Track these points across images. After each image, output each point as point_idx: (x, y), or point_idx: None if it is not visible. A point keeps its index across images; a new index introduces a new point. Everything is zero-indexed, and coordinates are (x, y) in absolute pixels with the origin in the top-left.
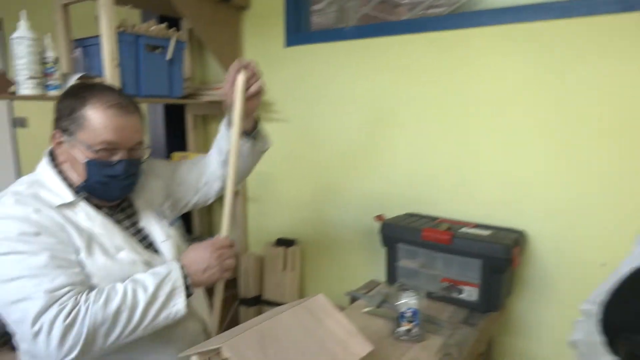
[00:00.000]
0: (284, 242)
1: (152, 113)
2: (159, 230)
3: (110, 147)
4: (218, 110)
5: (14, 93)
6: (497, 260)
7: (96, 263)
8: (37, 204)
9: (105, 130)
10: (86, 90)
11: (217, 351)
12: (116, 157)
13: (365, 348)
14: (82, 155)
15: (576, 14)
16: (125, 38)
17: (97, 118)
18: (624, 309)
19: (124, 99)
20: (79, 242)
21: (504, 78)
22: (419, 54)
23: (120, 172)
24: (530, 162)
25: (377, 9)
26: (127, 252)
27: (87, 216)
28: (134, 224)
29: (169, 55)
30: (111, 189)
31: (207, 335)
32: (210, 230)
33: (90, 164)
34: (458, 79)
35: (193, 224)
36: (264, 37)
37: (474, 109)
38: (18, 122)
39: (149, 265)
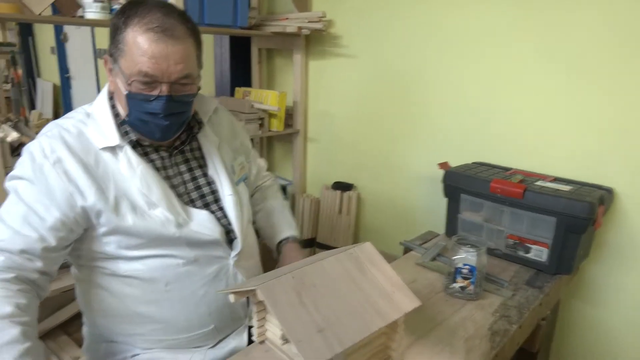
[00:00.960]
0: (341, 186)
1: (219, 45)
2: (226, 182)
3: (147, 80)
4: (284, 43)
5: (82, 17)
6: (576, 220)
7: (125, 222)
8: (67, 151)
9: (140, 58)
10: (133, 7)
11: (253, 292)
12: (155, 92)
13: (413, 303)
14: (123, 87)
15: None
16: None
17: (134, 43)
18: None
19: (171, 21)
20: (101, 201)
21: (589, 29)
22: None
23: (158, 109)
24: (617, 111)
25: None
26: (161, 210)
27: (129, 164)
28: (198, 169)
29: None
30: (151, 128)
31: None
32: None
33: (129, 97)
34: (538, 12)
35: None
36: None
37: (558, 45)
38: (99, 54)
39: (181, 227)
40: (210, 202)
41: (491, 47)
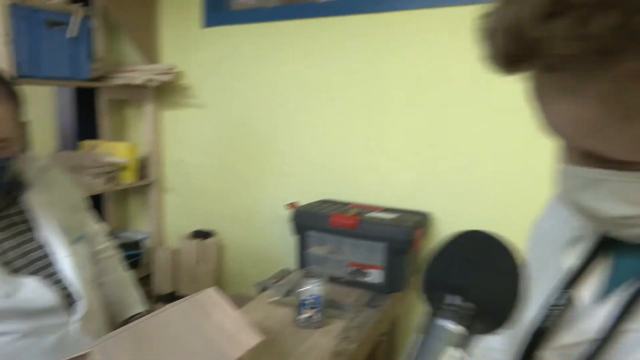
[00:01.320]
0: (201, 234)
1: (60, 97)
2: (60, 244)
3: None
4: (134, 94)
5: None
6: (399, 243)
7: None
8: None
9: None
10: None
11: (89, 356)
12: None
13: (255, 339)
14: None
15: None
16: (19, 12)
17: None
18: (444, 263)
19: None
20: None
21: (419, 67)
22: (342, 37)
23: None
24: (434, 146)
25: None
26: None
27: None
28: (27, 233)
29: (71, 32)
30: None
31: None
32: (124, 223)
33: None
34: (374, 65)
35: (106, 214)
36: (181, 16)
37: (387, 96)
38: None
39: (8, 298)
40: (43, 266)
41: (327, 98)
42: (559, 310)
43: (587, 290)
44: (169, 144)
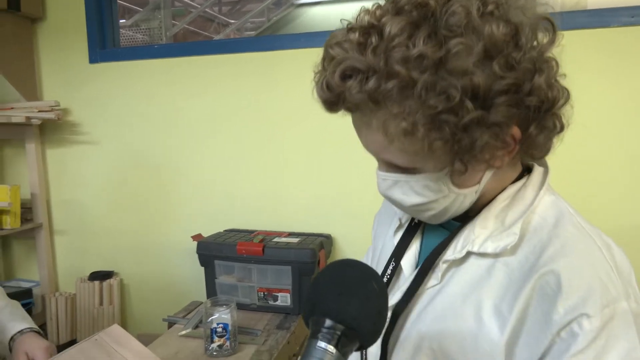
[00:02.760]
0: (99, 276)
1: None
2: None
3: None
4: (13, 132)
5: None
6: (304, 265)
7: None
8: None
9: None
10: None
11: None
12: None
13: None
14: None
15: None
16: None
17: None
18: (317, 291)
19: None
20: None
21: (311, 99)
22: (236, 72)
23: None
24: (331, 171)
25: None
26: None
27: None
28: None
29: None
30: None
31: None
32: (9, 272)
33: None
34: (266, 98)
35: None
36: (64, 52)
37: (282, 126)
38: None
39: None
40: None
41: (224, 131)
42: (387, 278)
43: (406, 262)
44: (56, 184)
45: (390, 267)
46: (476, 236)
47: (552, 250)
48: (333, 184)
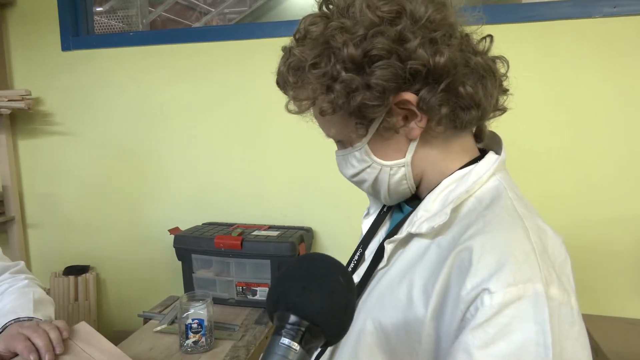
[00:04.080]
0: (75, 270)
1: None
2: None
3: None
4: None
5: None
6: (284, 258)
7: None
8: None
9: None
10: None
11: None
12: None
13: None
14: None
15: None
16: None
17: None
18: (281, 285)
19: None
20: None
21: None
22: (216, 61)
23: None
24: (313, 163)
25: (172, 11)
26: None
27: None
28: None
29: None
30: None
31: None
32: None
33: None
34: (246, 88)
35: None
36: (35, 38)
37: (263, 117)
38: None
39: None
40: None
41: (204, 121)
42: (353, 265)
43: (369, 249)
44: (29, 176)
45: (357, 255)
46: (418, 218)
47: (474, 229)
48: (314, 177)
